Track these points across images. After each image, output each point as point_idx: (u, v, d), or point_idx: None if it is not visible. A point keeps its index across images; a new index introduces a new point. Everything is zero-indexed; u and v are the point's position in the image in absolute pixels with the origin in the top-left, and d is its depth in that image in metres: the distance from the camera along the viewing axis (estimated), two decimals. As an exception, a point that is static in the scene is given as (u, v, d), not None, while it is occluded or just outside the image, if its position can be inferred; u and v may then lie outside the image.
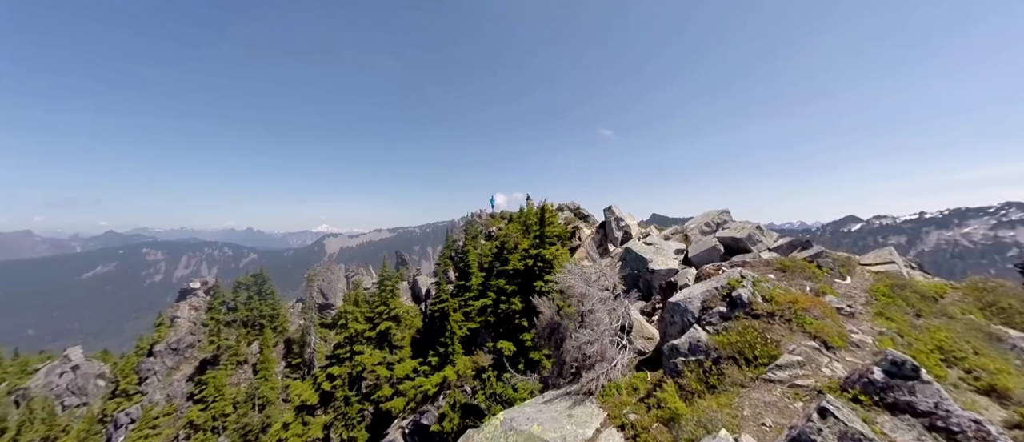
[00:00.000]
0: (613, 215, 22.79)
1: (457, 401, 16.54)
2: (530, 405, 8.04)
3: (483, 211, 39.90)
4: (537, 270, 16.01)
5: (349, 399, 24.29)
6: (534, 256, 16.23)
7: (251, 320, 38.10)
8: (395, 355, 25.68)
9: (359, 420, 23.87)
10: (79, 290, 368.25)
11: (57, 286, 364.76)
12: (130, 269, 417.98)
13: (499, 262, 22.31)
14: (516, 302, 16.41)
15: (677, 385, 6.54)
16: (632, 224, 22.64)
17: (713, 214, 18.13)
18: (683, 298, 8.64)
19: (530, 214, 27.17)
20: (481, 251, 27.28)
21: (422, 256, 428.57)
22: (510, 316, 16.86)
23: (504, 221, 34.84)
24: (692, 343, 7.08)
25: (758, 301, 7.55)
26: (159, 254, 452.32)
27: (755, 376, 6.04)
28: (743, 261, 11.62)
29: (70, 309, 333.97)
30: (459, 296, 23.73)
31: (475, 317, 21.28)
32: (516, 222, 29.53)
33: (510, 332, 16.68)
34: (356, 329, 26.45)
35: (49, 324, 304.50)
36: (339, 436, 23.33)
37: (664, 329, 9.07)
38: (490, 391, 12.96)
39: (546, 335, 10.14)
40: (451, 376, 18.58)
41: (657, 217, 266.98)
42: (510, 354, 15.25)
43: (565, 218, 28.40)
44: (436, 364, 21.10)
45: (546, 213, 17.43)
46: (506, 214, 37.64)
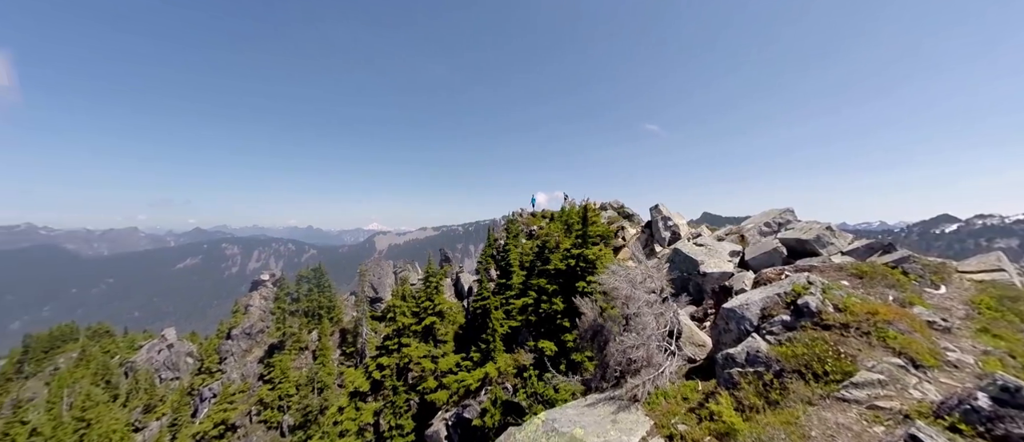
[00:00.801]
0: (660, 214, 21.79)
1: (498, 398, 16.76)
2: (572, 407, 7.94)
3: (524, 210, 40.01)
4: (579, 270, 15.74)
5: (397, 389, 25.56)
6: (576, 256, 15.96)
7: (311, 310, 41.37)
8: (439, 349, 26.60)
9: (406, 409, 25.04)
10: (173, 279, 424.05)
11: (156, 275, 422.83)
12: (212, 262, 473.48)
13: (540, 261, 22.24)
14: (558, 302, 16.26)
15: (733, 398, 6.11)
16: (681, 224, 21.50)
17: (774, 213, 16.70)
18: (739, 304, 8.04)
19: (572, 213, 26.78)
20: (522, 250, 27.38)
21: (464, 254, 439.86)
22: (551, 316, 16.74)
23: (545, 220, 34.67)
24: (750, 353, 6.57)
25: (829, 310, 6.83)
26: (235, 249, 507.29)
27: (825, 393, 5.47)
28: (810, 265, 10.57)
29: (166, 295, 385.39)
30: (500, 294, 24.00)
31: (516, 315, 21.40)
32: (557, 221, 29.26)
33: (551, 332, 16.56)
34: (403, 323, 27.75)
35: (150, 307, 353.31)
36: (388, 423, 24.64)
37: (717, 337, 8.50)
38: (531, 390, 12.97)
39: (589, 337, 9.95)
40: (492, 373, 18.86)
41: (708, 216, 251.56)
42: (551, 354, 15.15)
43: (608, 217, 27.65)
44: (478, 360, 21.52)
45: (589, 212, 17.07)
46: (547, 213, 37.44)
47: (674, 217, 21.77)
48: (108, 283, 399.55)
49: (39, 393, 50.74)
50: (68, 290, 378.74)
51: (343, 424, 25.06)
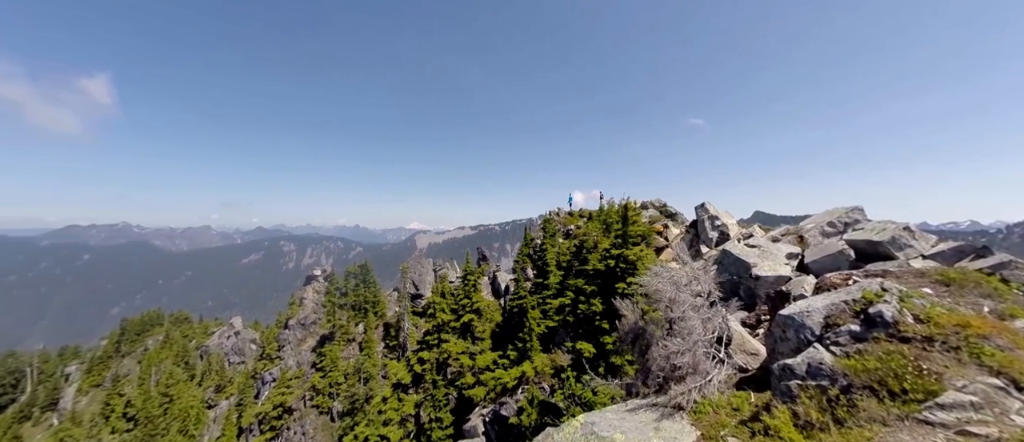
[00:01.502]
0: (707, 213, 20.64)
1: (535, 397, 16.75)
2: (612, 411, 7.74)
3: (561, 209, 39.61)
4: (619, 271, 15.30)
5: (436, 382, 26.37)
6: (616, 256, 15.53)
7: (358, 304, 43.79)
8: (477, 346, 27.07)
9: (445, 403, 25.76)
10: (239, 273, 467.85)
11: (225, 269, 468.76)
12: (272, 257, 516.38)
13: (578, 261, 21.91)
14: (596, 303, 15.93)
15: (791, 412, 5.64)
16: (730, 223, 20.23)
17: (840, 212, 15.21)
18: (799, 311, 7.40)
19: (611, 212, 26.10)
20: (559, 249, 27.12)
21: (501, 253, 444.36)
22: (590, 317, 16.44)
23: (583, 219, 34.10)
24: (812, 365, 6.03)
25: (907, 321, 6.09)
26: (292, 246, 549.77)
27: (904, 414, 4.89)
28: (884, 270, 9.50)
29: (233, 287, 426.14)
30: (537, 293, 23.95)
31: (553, 315, 21.26)
32: (595, 221, 28.66)
33: (590, 333, 16.26)
34: (443, 319, 28.56)
35: (220, 298, 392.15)
36: (428, 415, 25.49)
37: (772, 345, 7.89)
38: (569, 391, 12.82)
39: (629, 340, 9.65)
40: (529, 372, 18.88)
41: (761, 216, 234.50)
42: (590, 356, 14.88)
43: (649, 216, 26.63)
44: (515, 358, 21.65)
45: (629, 211, 16.55)
46: (585, 212, 36.81)
47: (722, 216, 20.52)
48: (187, 275, 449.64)
49: (132, 370, 58.14)
50: (155, 281, 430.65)
51: (387, 414, 26.28)
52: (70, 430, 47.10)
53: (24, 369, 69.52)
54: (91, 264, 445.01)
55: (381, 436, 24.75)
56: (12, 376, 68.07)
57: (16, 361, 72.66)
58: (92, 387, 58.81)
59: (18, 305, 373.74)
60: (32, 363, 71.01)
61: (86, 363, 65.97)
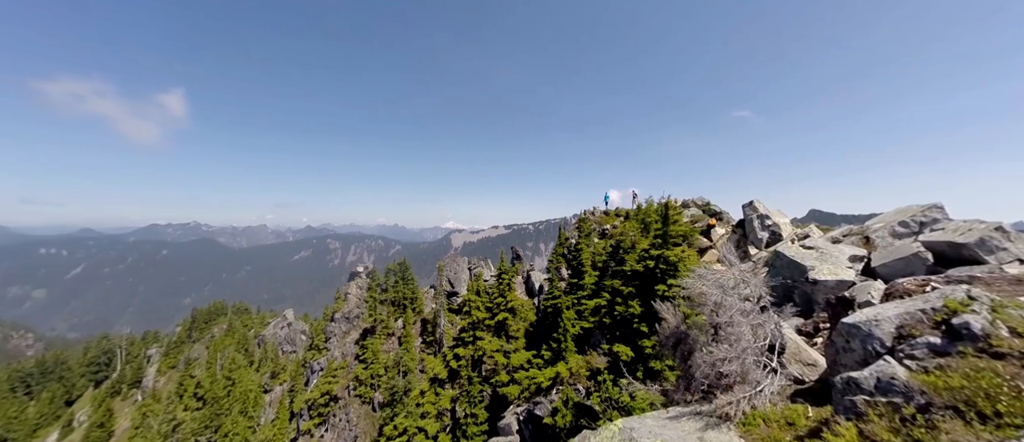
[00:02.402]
0: (755, 212, 19.34)
1: (570, 398, 16.54)
2: (652, 418, 7.46)
3: (596, 208, 38.86)
4: (659, 273, 14.72)
5: (472, 379, 26.82)
6: (655, 257, 14.94)
7: (397, 300, 45.55)
8: (511, 344, 27.21)
9: (480, 399, 26.15)
10: (291, 268, 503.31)
11: (279, 264, 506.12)
12: (319, 254, 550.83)
13: (614, 262, 21.36)
14: (634, 305, 15.44)
15: (858, 430, 5.14)
16: (782, 222, 18.82)
17: (914, 210, 13.67)
18: (865, 319, 6.73)
19: (649, 211, 25.21)
20: (594, 249, 26.60)
21: (535, 252, 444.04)
22: (627, 319, 15.96)
23: (619, 218, 33.21)
24: (882, 379, 5.45)
25: (1001, 334, 5.34)
26: (337, 244, 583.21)
27: (997, 440, 4.29)
28: (970, 276, 8.40)
29: (286, 281, 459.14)
30: (572, 294, 23.65)
31: (589, 317, 20.88)
32: (633, 220, 27.80)
33: (627, 336, 15.79)
34: (478, 317, 28.99)
35: (274, 291, 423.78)
36: (463, 410, 26.00)
37: (834, 356, 7.24)
38: (605, 395, 12.54)
39: (670, 344, 9.25)
40: (564, 373, 18.68)
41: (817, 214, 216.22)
42: (627, 360, 14.45)
43: (691, 215, 25.41)
44: (549, 358, 21.52)
45: (669, 210, 15.86)
46: (621, 211, 35.86)
47: (773, 215, 19.12)
48: (246, 270, 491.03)
49: (201, 354, 64.36)
50: (220, 275, 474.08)
51: (424, 407, 27.12)
52: (151, 406, 53.05)
53: (115, 350, 79.32)
54: (168, 259, 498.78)
55: (419, 428, 25.58)
56: (106, 355, 77.91)
57: (109, 343, 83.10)
58: (169, 368, 65.83)
59: (110, 294, 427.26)
60: (121, 345, 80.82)
61: (164, 347, 73.97)
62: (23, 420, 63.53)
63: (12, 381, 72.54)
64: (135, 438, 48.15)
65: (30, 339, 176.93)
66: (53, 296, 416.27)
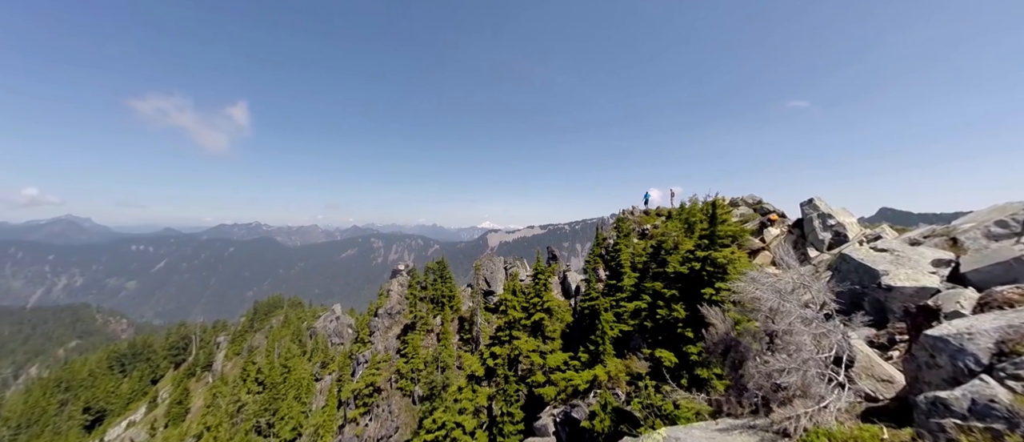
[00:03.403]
0: (816, 210, 17.72)
1: (608, 403, 16.08)
2: (700, 429, 7.04)
3: (636, 208, 37.62)
4: (705, 275, 13.89)
5: (508, 378, 26.95)
6: (701, 259, 14.12)
7: (436, 298, 46.87)
8: (547, 345, 27.00)
9: (516, 399, 26.20)
10: (338, 265, 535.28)
11: (328, 261, 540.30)
12: (364, 253, 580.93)
13: (655, 263, 20.50)
14: (678, 309, 14.69)
15: (947, 458, 4.51)
16: (848, 222, 17.08)
17: (1015, 208, 11.84)
18: (955, 332, 5.90)
19: (694, 210, 23.95)
20: (634, 250, 25.71)
21: (571, 253, 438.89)
22: (670, 323, 15.23)
23: (661, 218, 31.88)
24: (979, 402, 4.75)
25: None
26: (380, 243, 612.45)
27: None
28: (1095, 285, 7.11)
29: (334, 277, 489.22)
30: (610, 295, 23.01)
31: (628, 319, 20.20)
32: (676, 220, 26.55)
33: (670, 341, 15.07)
34: (514, 316, 29.06)
35: (324, 286, 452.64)
36: (500, 408, 26.19)
37: (915, 372, 6.42)
38: (646, 401, 12.04)
39: (719, 352, 8.69)
40: (602, 376, 18.20)
41: (889, 213, 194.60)
42: (670, 366, 13.79)
43: (741, 215, 23.79)
44: (586, 361, 21.07)
45: (717, 208, 14.93)
46: (662, 211, 34.41)
47: (837, 214, 17.40)
48: (300, 266, 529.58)
49: (261, 343, 70.16)
50: (277, 270, 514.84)
51: (462, 403, 27.64)
52: (220, 387, 58.65)
53: (191, 336, 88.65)
54: (234, 256, 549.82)
55: (457, 423, 26.11)
56: (183, 340, 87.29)
57: (185, 330, 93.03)
58: (235, 355, 72.45)
59: (187, 286, 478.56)
60: (196, 332, 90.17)
61: (230, 335, 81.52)
62: (119, 394, 72.92)
63: (110, 360, 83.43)
64: (207, 416, 53.54)
65: (124, 324, 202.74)
66: (142, 287, 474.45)
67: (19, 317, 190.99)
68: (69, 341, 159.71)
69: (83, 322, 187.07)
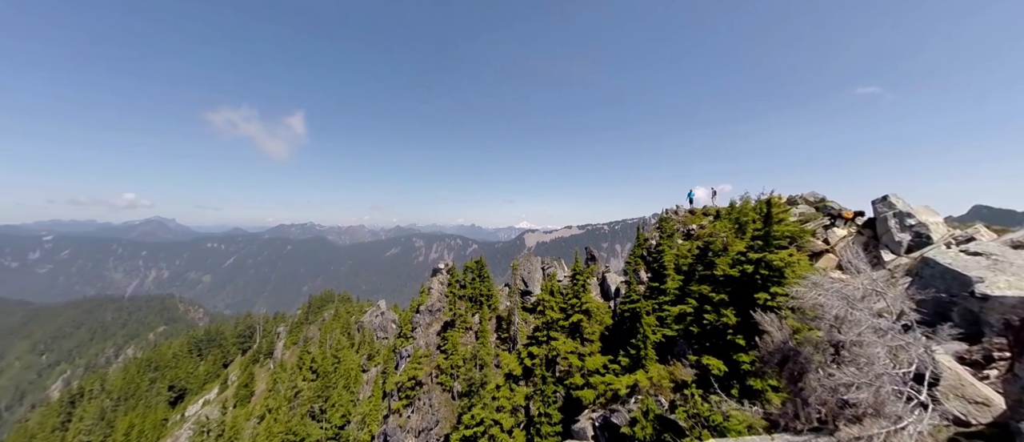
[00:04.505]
0: (892, 209, 15.86)
1: (650, 410, 15.47)
2: (752, 443, 6.57)
3: (680, 207, 35.92)
4: (759, 279, 12.92)
5: (545, 378, 26.82)
6: (755, 261, 13.14)
7: (474, 297, 47.75)
8: (586, 347, 26.51)
9: (553, 400, 25.99)
10: (383, 263, 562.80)
11: (374, 259, 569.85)
12: (406, 252, 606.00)
13: (702, 265, 19.42)
14: (728, 314, 13.80)
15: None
16: (932, 221, 15.11)
17: None
18: (1075, 351, 5.02)
19: (745, 209, 22.40)
20: (678, 251, 24.54)
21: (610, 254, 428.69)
22: (719, 329, 14.34)
23: (708, 218, 30.17)
24: (1108, 434, 4.00)
25: None
26: (421, 242, 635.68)
27: None
28: None
29: (379, 275, 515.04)
30: (652, 298, 22.13)
31: (672, 324, 19.33)
32: (725, 219, 24.99)
33: (719, 349, 14.19)
34: (552, 317, 28.86)
35: (370, 283, 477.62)
36: (537, 409, 26.13)
37: (1018, 394, 5.55)
38: (693, 411, 11.43)
39: (775, 362, 8.04)
40: (643, 382, 17.54)
41: (985, 211, 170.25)
42: (719, 374, 12.99)
43: (800, 214, 21.87)
44: (627, 365, 20.43)
45: (773, 207, 13.83)
46: (710, 210, 32.54)
47: (918, 213, 15.45)
48: (348, 264, 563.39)
49: (315, 335, 75.38)
50: (328, 268, 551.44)
51: (500, 401, 27.92)
52: (279, 374, 63.85)
53: (255, 326, 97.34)
54: (291, 253, 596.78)
55: (495, 420, 26.41)
56: (249, 330, 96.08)
57: (251, 320, 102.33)
58: (292, 344, 78.52)
59: (252, 280, 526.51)
60: (259, 323, 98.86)
61: (288, 326, 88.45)
62: (196, 375, 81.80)
63: (189, 345, 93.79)
64: (268, 399, 58.53)
65: (201, 313, 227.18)
66: (215, 280, 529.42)
67: (119, 305, 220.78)
68: (157, 326, 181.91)
69: (168, 310, 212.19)
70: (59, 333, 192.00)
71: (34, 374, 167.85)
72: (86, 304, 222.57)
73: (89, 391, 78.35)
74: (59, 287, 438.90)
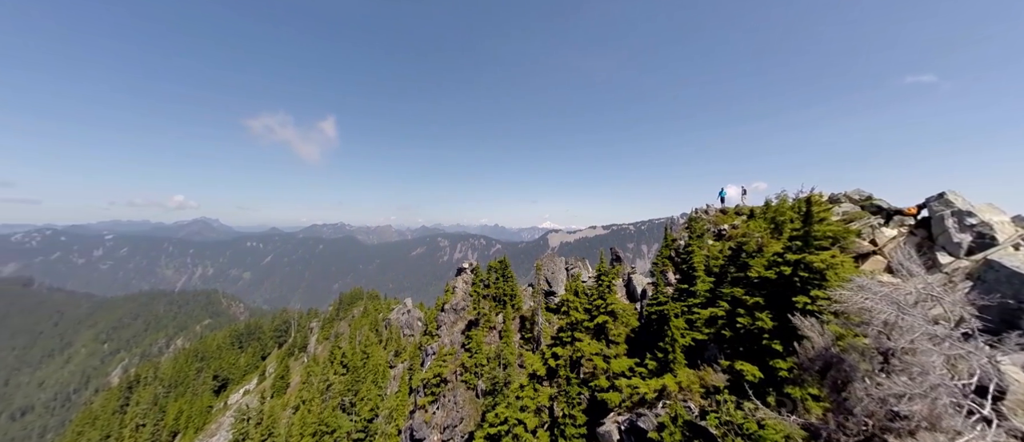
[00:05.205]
0: (950, 207, 14.62)
1: (679, 416, 15.00)
2: (790, 453, 6.24)
3: (710, 206, 34.64)
4: (798, 281, 12.24)
5: (570, 380, 26.58)
6: (793, 263, 12.46)
7: (498, 296, 48.01)
8: (611, 349, 26.05)
9: (578, 402, 25.71)
10: (409, 262, 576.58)
11: (401, 258, 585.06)
12: (432, 251, 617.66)
13: (735, 267, 18.63)
14: (764, 318, 13.16)
15: None
16: (996, 221, 13.80)
17: None
18: None
19: (782, 208, 21.32)
20: (709, 252, 23.68)
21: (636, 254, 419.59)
22: (753, 334, 13.71)
23: (741, 217, 28.93)
24: None
25: None
26: (446, 242, 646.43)
27: None
28: None
29: (406, 273, 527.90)
30: (681, 300, 21.47)
31: (702, 327, 18.68)
32: (759, 218, 23.88)
33: (753, 354, 13.56)
34: (576, 318, 28.56)
35: (397, 281, 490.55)
36: (562, 410, 25.94)
37: (1105, 413, 4.97)
38: (725, 418, 10.99)
39: (816, 369, 7.61)
40: (672, 386, 17.04)
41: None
42: (754, 381, 12.41)
43: (843, 212, 20.54)
44: (654, 369, 19.94)
45: (814, 206, 13.07)
46: (743, 209, 31.18)
47: (981, 211, 14.15)
48: (376, 263, 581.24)
49: (345, 331, 78.20)
50: (358, 266, 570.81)
51: (524, 400, 27.92)
52: (312, 367, 66.69)
53: (290, 321, 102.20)
54: (323, 252, 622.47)
55: (519, 420, 26.44)
56: (284, 324, 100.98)
57: (286, 315, 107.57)
58: (324, 339, 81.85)
59: (288, 278, 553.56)
60: (294, 318, 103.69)
61: (320, 322, 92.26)
62: (238, 366, 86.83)
63: (231, 337, 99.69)
64: (302, 391, 61.28)
65: (241, 308, 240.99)
66: (254, 277, 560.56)
67: (171, 299, 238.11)
68: (203, 319, 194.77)
69: (213, 304, 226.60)
70: (119, 324, 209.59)
71: (98, 361, 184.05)
72: (141, 297, 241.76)
73: (144, 378, 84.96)
74: (119, 281, 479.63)
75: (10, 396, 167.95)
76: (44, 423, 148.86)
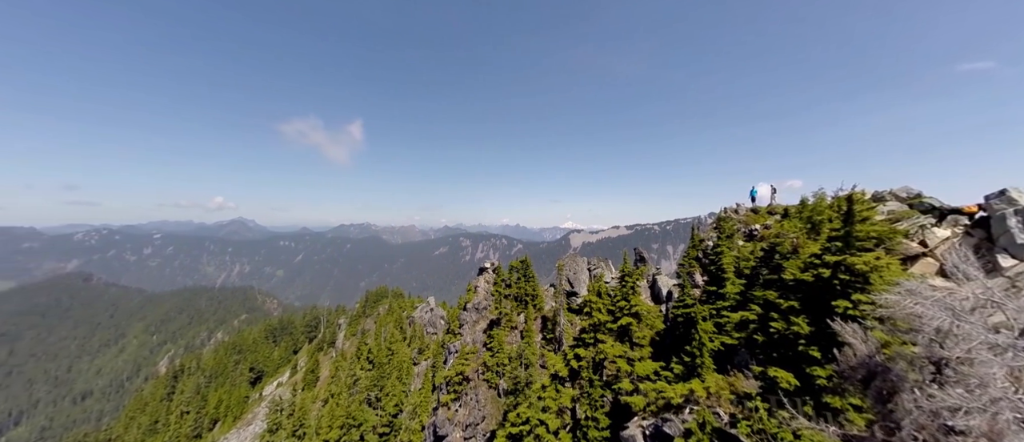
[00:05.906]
0: (1013, 205, 13.39)
1: (708, 422, 14.48)
2: (830, 466, 5.90)
3: (740, 205, 33.31)
4: (838, 284, 11.54)
5: (593, 381, 26.23)
6: (832, 265, 11.75)
7: (520, 296, 48.04)
8: (635, 352, 25.53)
9: (601, 404, 25.33)
10: (432, 261, 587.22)
11: (424, 258, 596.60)
12: (454, 251, 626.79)
13: (767, 268, 17.82)
14: (800, 323, 12.50)
15: None
16: (1070, 222, 12.50)
17: None
18: None
19: (820, 207, 20.20)
20: (739, 253, 22.75)
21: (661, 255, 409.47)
22: (788, 339, 13.04)
23: (775, 217, 27.64)
24: None
25: None
26: (467, 242, 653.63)
27: None
28: None
29: (429, 272, 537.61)
30: (709, 303, 20.75)
31: (731, 331, 17.97)
32: (794, 218, 22.72)
33: (788, 360, 12.91)
34: (599, 319, 28.16)
35: (421, 280, 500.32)
36: (584, 412, 25.65)
37: None
38: (757, 426, 10.51)
39: (858, 378, 7.16)
40: (700, 391, 16.49)
41: None
42: (789, 388, 11.82)
43: (889, 211, 19.21)
44: (680, 373, 19.35)
45: (855, 204, 12.29)
46: (776, 208, 29.78)
47: (1050, 211, 12.86)
48: (400, 262, 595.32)
49: (371, 327, 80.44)
50: (383, 265, 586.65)
51: (545, 401, 27.81)
52: (340, 362, 69.06)
53: (320, 317, 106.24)
54: (350, 251, 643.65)
55: (540, 420, 26.36)
56: (314, 320, 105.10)
57: (316, 312, 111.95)
58: (351, 335, 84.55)
59: (318, 275, 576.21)
60: (323, 314, 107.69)
61: (348, 318, 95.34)
62: (272, 359, 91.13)
63: (266, 332, 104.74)
64: (331, 385, 63.60)
65: (275, 304, 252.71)
66: (287, 275, 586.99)
67: (211, 294, 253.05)
68: (240, 314, 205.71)
69: (249, 301, 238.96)
70: (166, 317, 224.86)
71: (147, 352, 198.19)
72: (186, 293, 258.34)
73: (188, 368, 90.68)
74: (166, 277, 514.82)
75: (72, 381, 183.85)
76: (101, 407, 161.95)
